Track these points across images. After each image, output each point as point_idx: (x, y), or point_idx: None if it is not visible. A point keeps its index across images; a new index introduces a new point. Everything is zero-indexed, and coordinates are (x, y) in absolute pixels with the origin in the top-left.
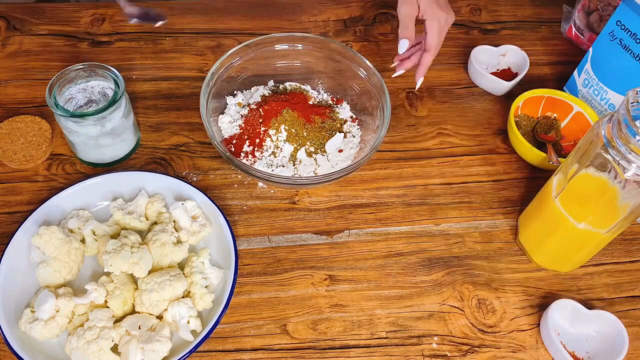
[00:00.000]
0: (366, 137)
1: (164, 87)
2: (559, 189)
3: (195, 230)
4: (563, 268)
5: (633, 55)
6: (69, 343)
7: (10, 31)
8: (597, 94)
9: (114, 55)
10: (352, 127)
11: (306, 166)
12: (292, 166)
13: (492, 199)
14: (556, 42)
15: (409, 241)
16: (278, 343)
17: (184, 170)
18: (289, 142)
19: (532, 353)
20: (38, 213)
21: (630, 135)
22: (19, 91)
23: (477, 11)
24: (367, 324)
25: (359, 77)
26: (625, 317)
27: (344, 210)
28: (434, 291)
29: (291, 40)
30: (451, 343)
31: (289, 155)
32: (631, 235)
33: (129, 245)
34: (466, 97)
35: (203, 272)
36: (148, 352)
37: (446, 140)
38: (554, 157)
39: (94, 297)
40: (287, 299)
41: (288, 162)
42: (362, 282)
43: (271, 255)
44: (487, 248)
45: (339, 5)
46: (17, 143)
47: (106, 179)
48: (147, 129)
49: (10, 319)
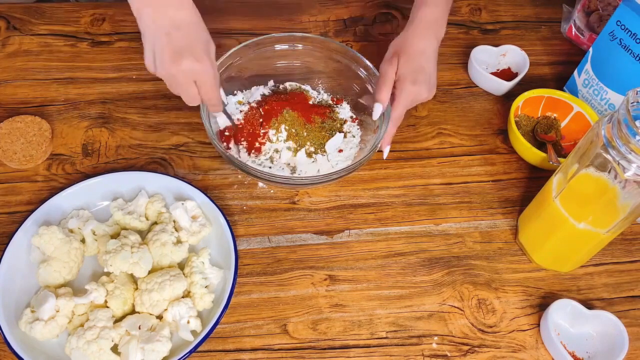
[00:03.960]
0: (366, 137)
1: (164, 87)
2: (559, 189)
3: (195, 230)
4: (563, 268)
5: (633, 55)
6: (69, 343)
7: (10, 31)
8: (597, 94)
9: (114, 55)
10: (352, 127)
11: (306, 165)
12: (291, 167)
13: (492, 199)
14: (556, 42)
15: (409, 241)
16: (278, 343)
17: (184, 170)
18: (291, 141)
19: (532, 353)
20: (38, 213)
21: (630, 135)
22: (19, 91)
23: (477, 11)
24: (367, 324)
25: (359, 77)
26: (625, 317)
27: (344, 210)
28: (434, 291)
29: (291, 40)
30: (451, 343)
31: (287, 158)
32: (631, 235)
33: (129, 245)
34: (466, 97)
35: (203, 272)
36: (148, 352)
37: (446, 140)
38: (554, 157)
39: (94, 297)
40: (287, 299)
41: (286, 167)
42: (362, 282)
43: (271, 255)
44: (487, 248)
45: (339, 5)
46: (17, 143)
47: (106, 179)
48: (147, 129)
49: (10, 319)
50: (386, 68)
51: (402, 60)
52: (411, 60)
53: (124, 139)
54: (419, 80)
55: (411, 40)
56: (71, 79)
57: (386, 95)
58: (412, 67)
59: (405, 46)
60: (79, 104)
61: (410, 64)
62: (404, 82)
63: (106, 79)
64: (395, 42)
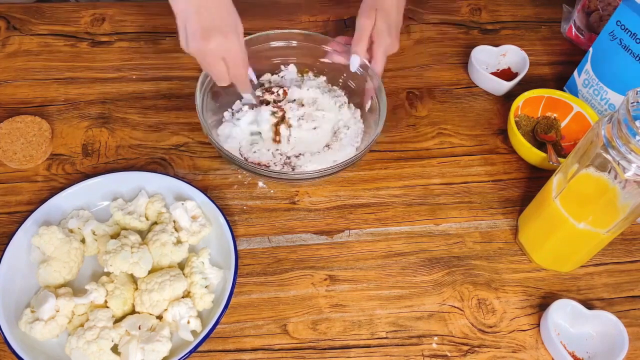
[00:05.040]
0: (368, 131)
1: (164, 87)
2: (559, 189)
3: (195, 230)
4: (563, 268)
5: (633, 55)
6: (69, 343)
7: (10, 31)
8: (597, 94)
9: (114, 55)
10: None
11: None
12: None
13: (492, 199)
14: (556, 42)
15: (409, 241)
16: (278, 343)
17: (184, 170)
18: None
19: (532, 353)
20: (38, 213)
21: (630, 135)
22: (19, 91)
23: (477, 11)
24: (367, 324)
25: (358, 77)
26: (625, 317)
27: (344, 210)
28: (434, 291)
29: (287, 37)
30: (451, 343)
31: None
32: (631, 235)
33: (129, 245)
34: (466, 97)
35: (203, 272)
36: (148, 352)
37: (446, 140)
38: (554, 157)
39: (94, 297)
40: (287, 299)
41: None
42: (362, 282)
43: (271, 255)
44: (487, 248)
45: (339, 5)
46: (17, 143)
47: (106, 179)
48: (147, 129)
49: (10, 319)
50: (364, 22)
51: (379, 15)
52: (387, 15)
53: (124, 139)
54: (392, 34)
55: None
56: (71, 79)
57: (363, 48)
58: (387, 22)
59: (382, 1)
60: (79, 104)
61: (386, 18)
62: (381, 36)
63: (106, 79)
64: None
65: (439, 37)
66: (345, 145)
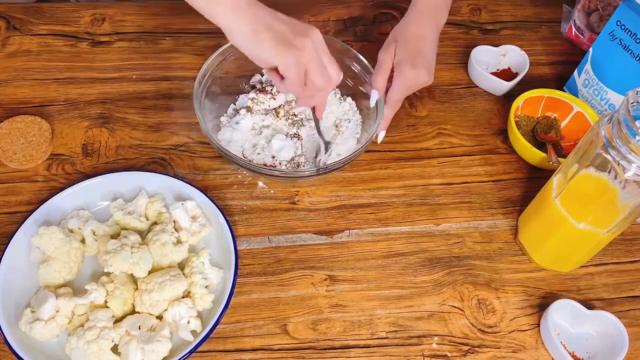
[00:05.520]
0: (368, 128)
1: (164, 87)
2: (559, 189)
3: (195, 230)
4: (563, 268)
5: (633, 55)
6: (69, 343)
7: (10, 31)
8: (597, 94)
9: (114, 55)
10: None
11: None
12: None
13: (492, 199)
14: (556, 42)
15: (409, 241)
16: (278, 343)
17: (184, 170)
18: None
19: (532, 353)
20: (38, 213)
21: (630, 135)
22: (19, 91)
23: (477, 11)
24: (367, 324)
25: (358, 77)
26: (625, 317)
27: (344, 210)
28: (434, 291)
29: None
30: (451, 343)
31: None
32: (631, 235)
33: (129, 245)
34: (466, 97)
35: (203, 272)
36: (148, 352)
37: (446, 140)
38: (554, 157)
39: (94, 297)
40: (287, 299)
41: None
42: (362, 282)
43: (271, 255)
44: (487, 248)
45: (339, 5)
46: (17, 143)
47: (106, 179)
48: (147, 129)
49: (10, 319)
50: (383, 55)
51: (399, 45)
52: (408, 44)
53: (124, 139)
54: (418, 64)
55: (410, 25)
56: (71, 79)
57: (382, 82)
58: (409, 51)
59: (404, 32)
60: (79, 104)
61: (407, 47)
62: (402, 66)
63: (106, 79)
64: (395, 29)
65: (439, 37)
66: (347, 138)
